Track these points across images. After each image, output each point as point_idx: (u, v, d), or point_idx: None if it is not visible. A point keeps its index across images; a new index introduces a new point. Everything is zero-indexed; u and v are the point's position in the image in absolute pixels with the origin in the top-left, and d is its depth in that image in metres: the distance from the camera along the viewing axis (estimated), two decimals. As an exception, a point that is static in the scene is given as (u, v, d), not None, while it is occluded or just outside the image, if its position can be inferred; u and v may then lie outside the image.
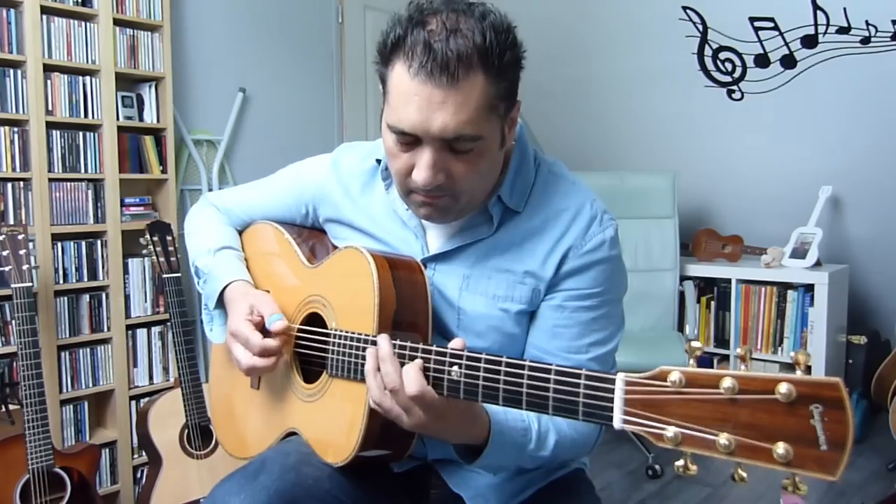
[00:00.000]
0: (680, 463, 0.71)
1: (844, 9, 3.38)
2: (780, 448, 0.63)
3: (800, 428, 0.63)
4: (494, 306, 1.10)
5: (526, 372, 0.84)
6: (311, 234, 1.30)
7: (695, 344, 0.71)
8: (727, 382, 0.66)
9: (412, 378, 0.91)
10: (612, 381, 0.76)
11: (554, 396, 0.81)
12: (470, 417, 0.96)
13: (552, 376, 0.82)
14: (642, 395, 0.72)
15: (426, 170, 0.98)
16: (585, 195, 1.12)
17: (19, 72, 2.40)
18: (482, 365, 0.88)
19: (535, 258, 1.09)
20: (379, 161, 1.19)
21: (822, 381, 0.62)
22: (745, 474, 0.68)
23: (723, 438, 0.66)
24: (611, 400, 0.76)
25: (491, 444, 0.97)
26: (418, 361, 0.92)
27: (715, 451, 0.66)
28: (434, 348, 0.94)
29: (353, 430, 1.02)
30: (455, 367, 0.91)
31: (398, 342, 0.98)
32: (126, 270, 2.66)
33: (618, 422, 0.75)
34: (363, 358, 1.01)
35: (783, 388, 0.63)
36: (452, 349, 0.92)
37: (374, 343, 0.98)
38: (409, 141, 0.99)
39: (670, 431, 0.69)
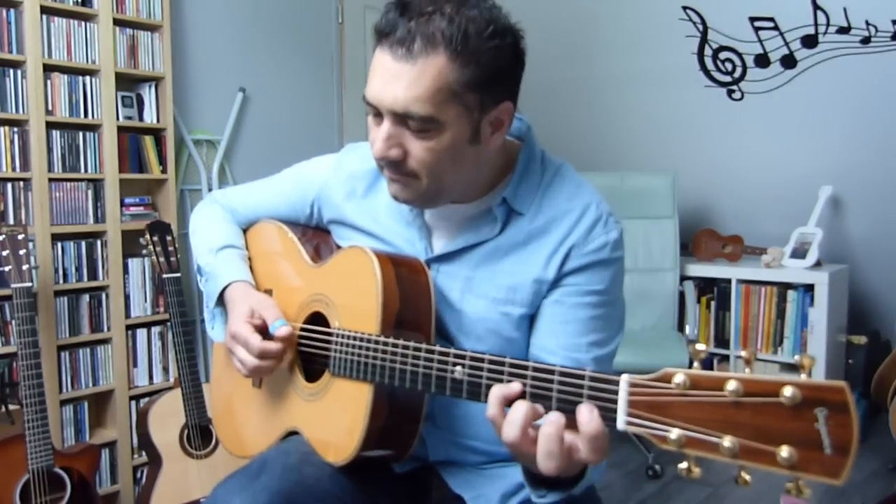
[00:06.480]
0: (683, 466, 0.71)
1: (844, 9, 3.37)
2: (785, 451, 0.63)
3: (804, 431, 0.62)
4: (495, 310, 1.09)
5: (530, 373, 0.84)
6: (315, 234, 1.30)
7: (699, 347, 0.71)
8: (732, 385, 0.65)
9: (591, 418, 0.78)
10: (616, 383, 0.76)
11: (558, 397, 0.81)
12: None
13: (556, 377, 0.82)
14: (646, 396, 0.72)
15: (380, 141, 1.00)
16: (591, 196, 1.11)
17: (19, 72, 2.40)
18: (485, 365, 0.88)
19: (539, 260, 1.08)
20: None
21: (828, 384, 0.62)
22: (748, 477, 0.67)
23: (727, 441, 0.65)
24: (614, 401, 0.75)
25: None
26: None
27: (719, 453, 0.66)
28: (437, 348, 0.94)
29: (355, 429, 1.02)
30: (458, 367, 0.91)
31: (401, 341, 0.98)
32: (126, 270, 2.66)
33: (621, 423, 0.74)
34: (366, 357, 1.02)
35: (788, 391, 0.62)
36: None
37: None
38: (376, 113, 1.01)
39: (674, 434, 0.69)
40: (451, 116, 0.97)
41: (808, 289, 3.23)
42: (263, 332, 1.13)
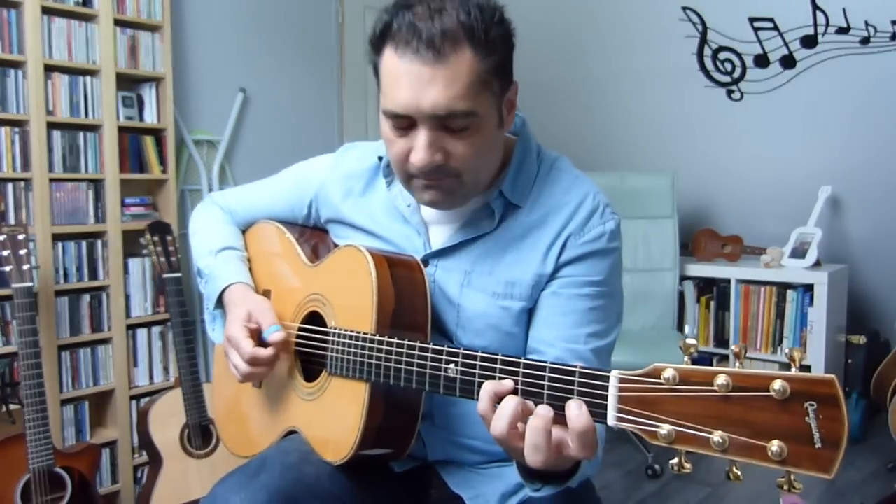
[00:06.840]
0: (674, 461, 0.71)
1: (844, 9, 3.38)
2: (775, 446, 0.63)
3: (794, 426, 0.63)
4: (494, 304, 1.09)
5: (521, 370, 0.84)
6: (313, 234, 1.31)
7: (690, 341, 0.71)
8: (721, 379, 0.66)
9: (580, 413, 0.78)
10: (606, 379, 0.76)
11: (548, 393, 0.81)
12: None
13: (546, 373, 0.82)
14: (636, 392, 0.72)
15: (423, 150, 0.98)
16: (588, 188, 1.11)
17: (20, 72, 2.40)
18: (478, 363, 0.89)
19: (538, 254, 1.08)
20: (381, 158, 1.19)
21: (817, 377, 0.62)
22: (739, 472, 0.67)
23: (717, 436, 0.66)
24: (605, 397, 0.76)
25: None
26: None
27: (709, 448, 0.66)
28: (431, 346, 0.94)
29: (352, 428, 1.02)
30: (451, 365, 0.91)
31: (395, 340, 0.98)
32: (126, 270, 2.66)
33: (611, 419, 0.75)
34: (361, 356, 1.02)
35: (777, 385, 0.63)
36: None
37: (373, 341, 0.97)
38: (405, 125, 1.00)
39: (664, 429, 0.69)
40: (485, 107, 0.99)
41: (808, 289, 3.23)
42: (259, 335, 1.14)
